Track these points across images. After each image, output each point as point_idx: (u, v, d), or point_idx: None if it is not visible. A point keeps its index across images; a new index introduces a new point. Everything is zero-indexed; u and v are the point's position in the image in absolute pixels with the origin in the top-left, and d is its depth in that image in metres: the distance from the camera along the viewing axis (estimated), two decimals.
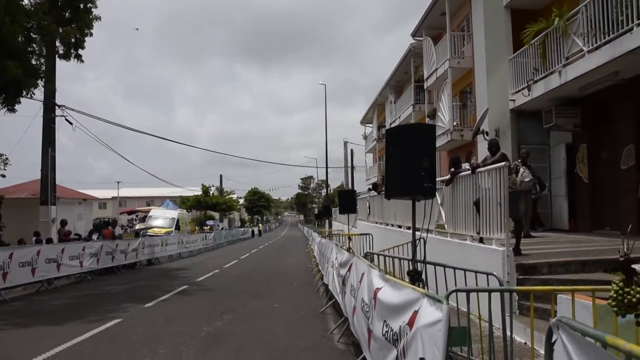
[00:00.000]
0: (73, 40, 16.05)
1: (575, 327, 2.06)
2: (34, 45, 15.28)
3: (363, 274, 5.84)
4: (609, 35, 9.80)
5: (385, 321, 4.34)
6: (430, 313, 3.23)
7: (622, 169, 11.43)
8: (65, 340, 7.40)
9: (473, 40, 18.54)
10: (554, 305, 3.30)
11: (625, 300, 2.66)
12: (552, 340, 2.22)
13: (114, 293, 13.04)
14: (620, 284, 2.73)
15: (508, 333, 4.38)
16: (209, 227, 49.99)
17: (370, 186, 27.93)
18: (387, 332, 4.23)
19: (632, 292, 2.65)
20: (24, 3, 14.26)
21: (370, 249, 13.56)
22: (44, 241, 15.73)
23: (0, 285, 11.77)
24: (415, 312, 3.52)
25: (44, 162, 18.95)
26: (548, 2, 14.00)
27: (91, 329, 8.24)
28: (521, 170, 11.00)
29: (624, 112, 11.55)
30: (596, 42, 10.21)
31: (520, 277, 7.47)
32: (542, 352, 2.40)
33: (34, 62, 15.32)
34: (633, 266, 2.67)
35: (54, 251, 14.23)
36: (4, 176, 23.63)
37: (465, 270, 5.95)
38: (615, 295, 2.73)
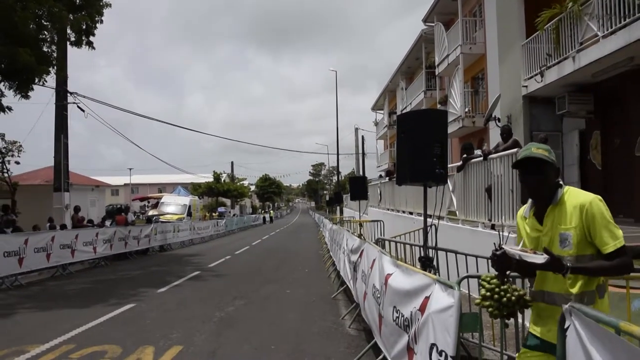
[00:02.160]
0: (84, 27, 16.08)
1: (589, 313, 2.06)
2: (45, 32, 15.35)
3: (374, 260, 5.86)
4: (624, 20, 9.63)
5: (396, 307, 4.36)
6: (441, 299, 3.25)
7: (637, 155, 11.31)
8: (80, 324, 7.52)
9: (485, 26, 18.33)
10: None
11: (504, 299, 2.54)
12: (565, 327, 2.22)
13: (127, 278, 13.19)
14: (495, 280, 2.60)
15: (520, 320, 4.38)
16: (217, 213, 49.92)
17: (383, 173, 27.87)
18: (397, 317, 4.26)
19: (509, 289, 2.55)
20: None
21: (381, 235, 13.58)
22: (58, 227, 15.91)
23: (17, 270, 11.97)
24: (427, 298, 3.54)
25: (57, 149, 19.12)
26: None
27: (105, 313, 8.36)
28: None
29: (638, 98, 11.39)
30: (611, 27, 10.03)
31: None
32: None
33: (45, 49, 15.40)
34: (504, 247, 2.50)
35: (68, 237, 14.40)
36: (18, 163, 23.99)
37: (476, 256, 5.95)
38: (489, 294, 2.58)
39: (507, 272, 2.58)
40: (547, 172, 2.57)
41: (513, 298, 2.52)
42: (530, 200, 2.77)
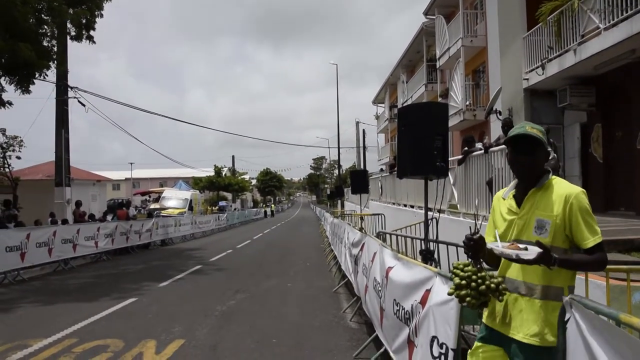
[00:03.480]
0: (84, 21, 16.02)
1: (589, 305, 2.06)
2: (45, 26, 15.30)
3: (375, 253, 5.86)
4: (626, 12, 9.59)
5: (396, 300, 4.37)
6: (442, 291, 3.24)
7: (638, 148, 11.29)
8: (82, 318, 7.54)
9: (486, 19, 18.26)
10: None
11: (482, 287, 2.34)
12: (565, 319, 2.23)
13: (129, 273, 13.22)
14: (470, 268, 2.41)
15: None
16: (217, 207, 49.57)
17: (384, 166, 27.81)
18: (398, 310, 4.27)
19: (487, 277, 2.37)
20: None
21: (382, 229, 13.60)
22: (60, 222, 15.94)
23: (19, 265, 12.00)
24: (428, 291, 3.54)
25: (58, 144, 19.10)
26: None
27: (107, 307, 8.38)
28: None
29: None
30: (613, 19, 10.00)
31: None
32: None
33: (45, 43, 15.35)
34: (489, 245, 2.39)
35: (69, 232, 14.43)
36: (19, 158, 24.03)
37: None
38: (465, 282, 2.38)
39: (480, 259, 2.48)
40: (539, 153, 2.47)
41: (492, 286, 2.36)
42: (512, 183, 2.69)
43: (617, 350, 1.75)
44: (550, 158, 10.07)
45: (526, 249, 2.27)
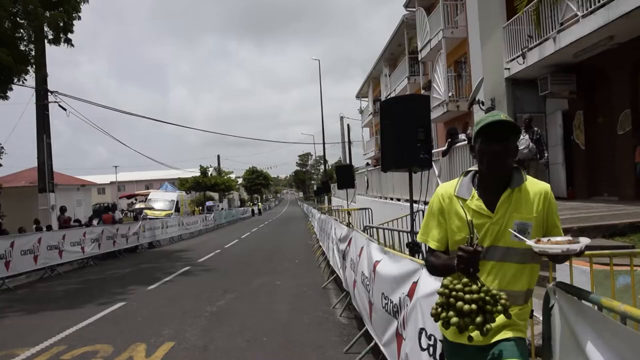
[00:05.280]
0: (61, 24, 15.80)
1: (572, 291, 2.08)
2: (21, 30, 15.07)
3: (362, 247, 5.87)
4: None
5: (384, 293, 4.38)
6: (429, 283, 3.25)
7: (619, 134, 11.42)
8: (70, 325, 7.46)
9: (466, 9, 18.30)
10: (552, 271, 3.32)
11: (498, 307, 1.93)
12: (550, 305, 2.24)
13: (117, 277, 13.10)
14: (475, 287, 1.97)
15: None
16: (201, 208, 48.40)
17: (369, 161, 27.81)
18: (387, 304, 4.27)
19: (498, 296, 1.96)
20: None
21: (370, 223, 13.60)
22: (44, 228, 15.75)
23: (4, 274, 11.82)
24: (415, 283, 3.55)
25: (40, 150, 18.85)
26: None
27: (96, 312, 8.31)
28: (520, 137, 10.71)
29: (619, 76, 11.48)
30: (590, 7, 10.08)
31: None
32: (541, 318, 2.41)
33: (23, 48, 15.13)
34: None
35: (55, 238, 14.25)
36: (0, 165, 23.64)
37: None
38: (475, 306, 1.93)
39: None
40: (512, 143, 2.22)
41: (508, 304, 1.96)
42: (463, 178, 2.34)
43: (600, 334, 1.76)
44: (521, 148, 9.84)
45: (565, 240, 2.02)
